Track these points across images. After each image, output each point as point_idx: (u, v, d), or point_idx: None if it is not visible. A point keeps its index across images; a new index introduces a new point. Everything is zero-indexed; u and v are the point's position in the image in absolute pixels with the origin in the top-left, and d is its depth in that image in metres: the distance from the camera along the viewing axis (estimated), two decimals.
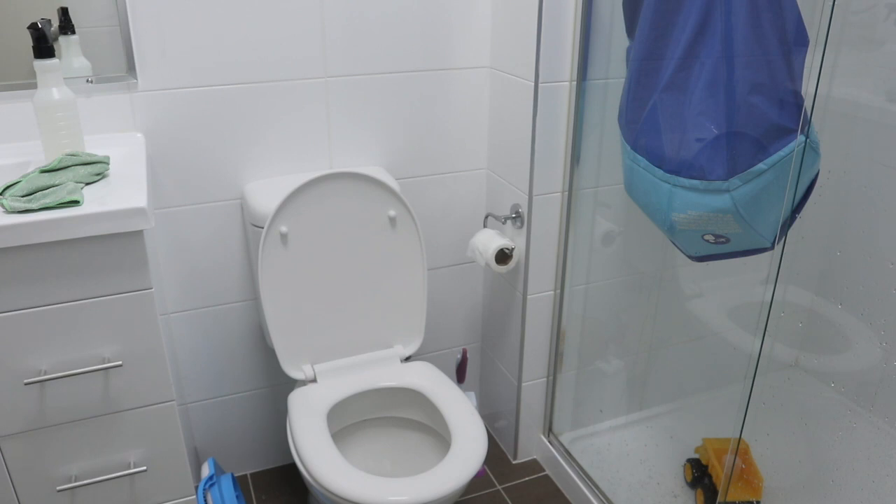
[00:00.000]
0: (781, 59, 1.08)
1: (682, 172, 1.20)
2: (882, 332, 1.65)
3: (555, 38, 1.47)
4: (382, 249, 1.53)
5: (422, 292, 1.59)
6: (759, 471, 1.61)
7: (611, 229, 1.69)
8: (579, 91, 1.52)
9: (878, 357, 1.69)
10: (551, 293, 1.73)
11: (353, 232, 1.50)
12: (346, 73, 1.54)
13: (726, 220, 1.18)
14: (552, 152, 1.58)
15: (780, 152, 1.10)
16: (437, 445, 1.52)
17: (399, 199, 1.51)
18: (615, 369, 1.91)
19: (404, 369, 1.57)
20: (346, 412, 1.52)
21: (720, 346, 1.77)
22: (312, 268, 1.48)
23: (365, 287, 1.54)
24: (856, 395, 1.75)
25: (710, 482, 1.64)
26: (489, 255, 1.64)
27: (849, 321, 1.75)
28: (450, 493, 1.23)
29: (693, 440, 1.76)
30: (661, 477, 1.75)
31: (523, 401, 1.84)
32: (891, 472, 1.65)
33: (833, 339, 1.78)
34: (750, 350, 1.25)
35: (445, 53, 1.62)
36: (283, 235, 1.42)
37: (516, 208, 1.66)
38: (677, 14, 1.16)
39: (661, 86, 1.21)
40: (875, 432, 1.72)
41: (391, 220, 1.51)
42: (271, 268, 1.44)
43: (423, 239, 1.57)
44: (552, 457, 1.84)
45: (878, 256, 1.67)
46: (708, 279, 1.78)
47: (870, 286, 1.67)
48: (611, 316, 1.85)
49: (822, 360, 1.85)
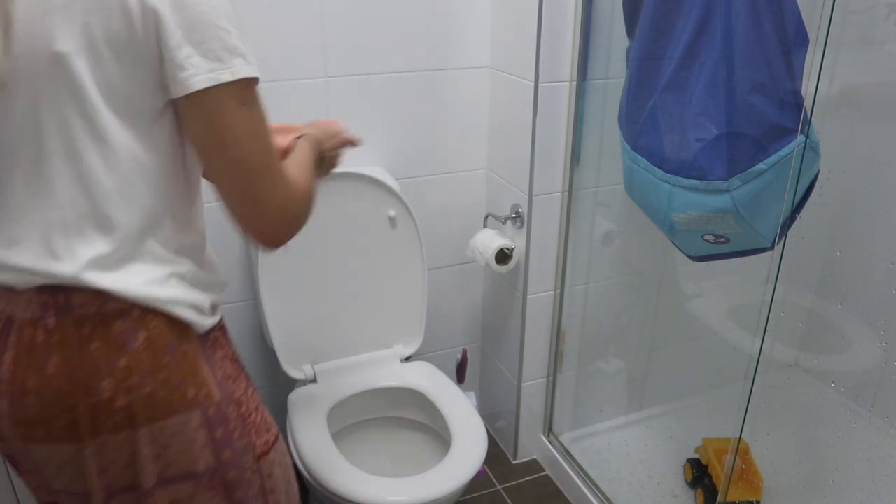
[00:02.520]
0: (781, 59, 1.08)
1: (682, 172, 1.20)
2: (882, 332, 1.65)
3: (555, 38, 1.46)
4: (382, 249, 1.53)
5: (422, 292, 1.59)
6: (759, 471, 1.61)
7: (611, 229, 1.69)
8: (579, 91, 1.52)
9: (878, 357, 1.69)
10: (551, 293, 1.73)
11: (353, 232, 1.50)
12: (346, 73, 1.54)
13: (726, 220, 1.18)
14: (552, 152, 1.58)
15: (780, 152, 1.10)
16: (437, 445, 1.52)
17: (399, 199, 1.51)
18: (615, 369, 1.91)
19: (404, 369, 1.57)
20: (346, 412, 1.52)
21: (720, 346, 1.77)
22: (312, 267, 1.48)
23: (365, 287, 1.54)
24: (856, 395, 1.75)
25: (710, 482, 1.64)
26: (489, 255, 1.64)
27: (849, 321, 1.75)
28: (450, 493, 1.23)
29: (693, 440, 1.76)
30: (661, 477, 1.76)
31: (523, 401, 1.84)
32: (891, 472, 1.65)
33: (833, 339, 1.78)
34: (750, 350, 1.25)
35: (445, 53, 1.61)
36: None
37: (516, 208, 1.66)
38: (677, 14, 1.16)
39: (661, 86, 1.21)
40: (875, 432, 1.72)
41: (391, 220, 1.51)
42: (271, 268, 1.44)
43: (424, 239, 1.57)
44: (552, 457, 1.84)
45: (878, 256, 1.67)
46: (708, 279, 1.78)
47: (870, 286, 1.67)
48: (611, 316, 1.85)
49: (822, 360, 1.85)
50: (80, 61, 0.71)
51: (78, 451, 0.80)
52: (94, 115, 0.73)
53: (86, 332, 0.77)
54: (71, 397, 0.77)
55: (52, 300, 0.77)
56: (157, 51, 0.73)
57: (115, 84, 0.73)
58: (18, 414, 0.78)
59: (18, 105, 0.74)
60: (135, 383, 0.78)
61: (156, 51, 0.73)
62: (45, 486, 0.85)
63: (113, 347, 0.78)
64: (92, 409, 0.78)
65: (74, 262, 0.76)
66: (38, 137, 0.75)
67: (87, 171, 0.75)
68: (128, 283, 0.78)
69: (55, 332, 0.77)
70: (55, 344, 0.77)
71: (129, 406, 0.78)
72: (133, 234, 0.79)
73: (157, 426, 0.80)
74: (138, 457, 0.81)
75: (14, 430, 0.79)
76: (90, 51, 0.71)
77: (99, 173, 0.75)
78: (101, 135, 0.74)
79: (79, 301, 0.77)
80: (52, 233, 0.76)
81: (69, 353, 0.77)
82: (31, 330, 0.77)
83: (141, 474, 0.81)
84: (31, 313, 0.77)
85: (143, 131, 0.77)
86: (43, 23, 0.70)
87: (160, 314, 0.80)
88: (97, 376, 0.77)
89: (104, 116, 0.74)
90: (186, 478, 0.84)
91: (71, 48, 0.71)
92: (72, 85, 0.72)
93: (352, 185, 1.46)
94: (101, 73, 0.72)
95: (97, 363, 0.77)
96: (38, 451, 0.80)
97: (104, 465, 0.81)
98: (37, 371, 0.77)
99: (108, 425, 0.78)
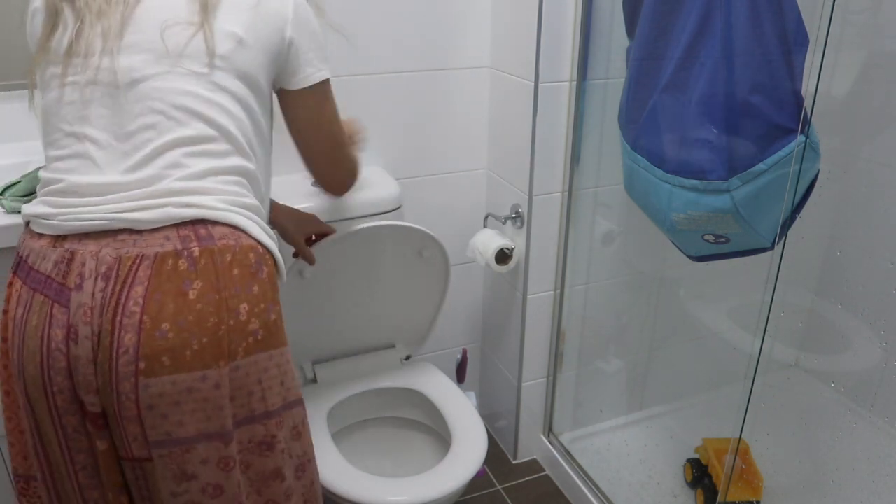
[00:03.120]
0: (781, 59, 1.08)
1: (682, 172, 1.20)
2: (882, 332, 1.65)
3: (555, 38, 1.46)
4: (405, 273, 1.50)
5: (436, 309, 1.58)
6: (759, 471, 1.61)
7: (611, 229, 1.69)
8: (579, 91, 1.52)
9: (878, 357, 1.69)
10: (551, 293, 1.73)
11: (376, 262, 1.47)
12: (346, 73, 1.54)
13: (726, 220, 1.18)
14: (552, 152, 1.58)
15: (780, 152, 1.10)
16: (437, 445, 1.52)
17: (436, 243, 1.46)
18: (615, 369, 1.91)
19: (404, 369, 1.57)
20: (346, 412, 1.52)
21: (720, 346, 1.77)
22: (329, 289, 1.46)
23: (376, 296, 1.52)
24: (856, 395, 1.75)
25: (710, 482, 1.64)
26: (489, 255, 1.64)
27: (849, 321, 1.75)
28: (450, 493, 1.23)
29: (693, 440, 1.76)
30: (661, 477, 1.76)
31: (523, 401, 1.84)
32: (891, 472, 1.65)
33: (833, 339, 1.78)
34: (750, 350, 1.25)
35: (445, 53, 1.61)
36: (302, 272, 1.40)
37: (516, 208, 1.66)
38: (677, 14, 1.16)
39: (661, 86, 1.21)
40: (875, 432, 1.72)
41: (420, 254, 1.48)
42: (287, 295, 1.40)
43: (451, 269, 1.53)
44: (552, 457, 1.84)
45: (878, 256, 1.67)
46: (708, 279, 1.78)
47: (870, 286, 1.67)
48: (611, 316, 1.85)
49: (822, 360, 1.85)
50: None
51: (204, 380, 0.83)
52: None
53: (227, 259, 0.85)
54: (215, 317, 0.83)
55: (195, 233, 0.85)
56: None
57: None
58: (147, 346, 0.80)
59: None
60: (263, 309, 0.87)
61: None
62: (143, 436, 0.84)
63: (248, 275, 0.86)
64: (231, 331, 0.84)
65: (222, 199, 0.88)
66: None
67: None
68: (250, 225, 0.89)
69: (200, 259, 0.84)
70: (201, 270, 0.83)
71: (260, 330, 0.87)
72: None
73: (279, 352, 0.90)
74: (267, 380, 0.88)
75: (133, 366, 0.80)
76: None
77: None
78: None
79: (220, 233, 0.86)
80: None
81: (214, 278, 0.84)
82: (174, 260, 0.83)
83: (268, 399, 0.89)
84: (173, 246, 0.83)
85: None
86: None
87: (272, 256, 0.92)
88: (238, 298, 0.85)
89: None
90: (297, 403, 0.96)
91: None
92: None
93: (386, 232, 1.42)
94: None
95: (238, 287, 0.85)
96: (157, 386, 0.81)
97: (232, 392, 0.86)
98: (176, 296, 0.82)
99: (242, 348, 0.85)
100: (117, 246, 0.83)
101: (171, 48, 0.86)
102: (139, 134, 0.86)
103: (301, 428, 0.96)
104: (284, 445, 0.93)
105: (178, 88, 0.86)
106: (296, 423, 0.95)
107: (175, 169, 0.86)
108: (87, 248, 0.83)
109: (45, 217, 0.86)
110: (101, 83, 0.86)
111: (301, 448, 0.97)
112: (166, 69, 0.86)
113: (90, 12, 0.86)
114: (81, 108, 0.86)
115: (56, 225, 0.85)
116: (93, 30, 0.86)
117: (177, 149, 0.86)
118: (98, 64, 0.85)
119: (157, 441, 0.84)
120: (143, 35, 0.86)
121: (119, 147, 0.86)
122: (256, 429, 0.89)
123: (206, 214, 0.85)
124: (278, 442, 0.91)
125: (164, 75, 0.86)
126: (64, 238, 0.85)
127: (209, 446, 0.85)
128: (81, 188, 0.86)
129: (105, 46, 0.85)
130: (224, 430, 0.85)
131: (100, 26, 0.85)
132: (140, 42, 0.86)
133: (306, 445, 0.98)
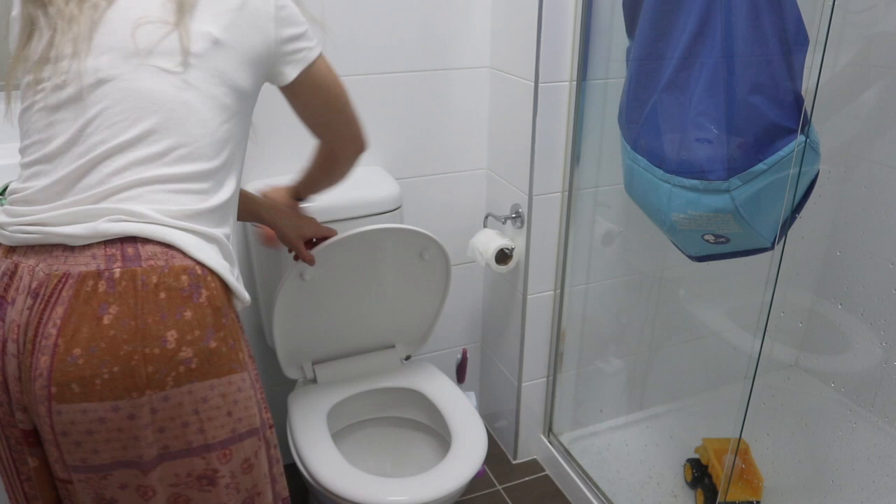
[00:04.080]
0: (781, 59, 1.08)
1: (682, 172, 1.20)
2: (882, 332, 1.65)
3: (555, 38, 1.46)
4: (406, 274, 1.50)
5: (437, 310, 1.58)
6: (759, 471, 1.62)
7: (611, 229, 1.69)
8: (579, 91, 1.52)
9: (878, 357, 1.69)
10: (551, 293, 1.73)
11: (376, 263, 1.46)
12: (346, 73, 1.54)
13: (726, 220, 1.18)
14: (552, 152, 1.58)
15: (780, 152, 1.10)
16: (437, 445, 1.52)
17: (437, 245, 1.45)
18: (615, 369, 1.91)
19: (404, 369, 1.57)
20: (346, 412, 1.52)
21: (720, 346, 1.77)
22: (329, 290, 1.46)
23: (377, 297, 1.51)
24: (856, 395, 1.75)
25: (710, 482, 1.64)
26: (489, 255, 1.64)
27: (849, 321, 1.75)
28: (450, 493, 1.23)
29: (693, 440, 1.76)
30: (661, 477, 1.76)
31: (523, 401, 1.84)
32: (891, 472, 1.65)
33: (833, 339, 1.78)
34: (750, 350, 1.25)
35: (445, 53, 1.61)
36: (302, 275, 1.39)
37: (516, 208, 1.66)
38: (677, 14, 1.16)
39: (661, 86, 1.21)
40: (875, 432, 1.72)
41: (421, 255, 1.48)
42: (288, 297, 1.41)
43: (452, 271, 1.52)
44: (552, 457, 1.84)
45: (878, 256, 1.67)
46: (708, 279, 1.78)
47: (870, 286, 1.67)
48: (611, 316, 1.85)
49: (822, 360, 1.85)
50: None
51: (116, 410, 0.77)
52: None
53: (152, 282, 0.79)
54: (129, 346, 0.77)
55: (121, 252, 0.79)
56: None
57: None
58: (58, 371, 0.76)
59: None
60: (198, 337, 0.80)
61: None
62: (62, 459, 0.81)
63: (179, 298, 0.80)
64: (153, 360, 0.78)
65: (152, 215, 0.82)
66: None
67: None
68: (188, 242, 0.82)
69: (120, 280, 0.78)
70: (119, 293, 0.78)
71: (193, 359, 0.80)
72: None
73: (224, 381, 0.83)
74: (206, 411, 0.82)
75: (46, 390, 0.77)
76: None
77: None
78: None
79: (148, 253, 0.80)
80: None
81: (133, 302, 0.78)
82: (94, 281, 0.78)
83: (207, 431, 0.82)
84: (96, 265, 0.78)
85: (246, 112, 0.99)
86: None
87: (216, 276, 0.84)
88: (163, 325, 0.78)
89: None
90: (251, 433, 0.87)
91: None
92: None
93: (387, 235, 1.41)
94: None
95: (164, 313, 0.79)
96: (69, 414, 0.77)
97: (162, 422, 0.80)
98: (91, 320, 0.77)
99: (171, 377, 0.79)
100: (51, 262, 0.80)
101: (141, 46, 0.83)
102: (92, 136, 0.82)
103: (254, 460, 0.89)
104: (230, 480, 0.86)
105: (143, 88, 0.83)
106: (247, 455, 0.87)
107: (117, 176, 0.81)
108: (27, 262, 0.81)
109: (1, 227, 0.84)
110: (68, 86, 0.83)
111: (251, 481, 0.89)
112: (133, 67, 0.83)
113: (62, 19, 0.83)
114: (50, 114, 0.83)
115: (8, 236, 0.83)
116: (64, 36, 0.83)
117: (127, 152, 0.82)
118: (67, 68, 0.83)
119: (74, 466, 0.81)
120: (113, 36, 0.83)
121: (73, 151, 0.82)
122: (195, 462, 0.83)
123: (137, 231, 0.80)
124: (221, 477, 0.85)
125: (130, 74, 0.83)
126: (14, 249, 0.83)
127: (127, 472, 0.81)
128: (35, 195, 0.83)
129: (74, 50, 0.82)
130: (141, 459, 0.80)
131: (71, 32, 0.83)
132: (109, 42, 0.83)
133: (258, 478, 0.90)
